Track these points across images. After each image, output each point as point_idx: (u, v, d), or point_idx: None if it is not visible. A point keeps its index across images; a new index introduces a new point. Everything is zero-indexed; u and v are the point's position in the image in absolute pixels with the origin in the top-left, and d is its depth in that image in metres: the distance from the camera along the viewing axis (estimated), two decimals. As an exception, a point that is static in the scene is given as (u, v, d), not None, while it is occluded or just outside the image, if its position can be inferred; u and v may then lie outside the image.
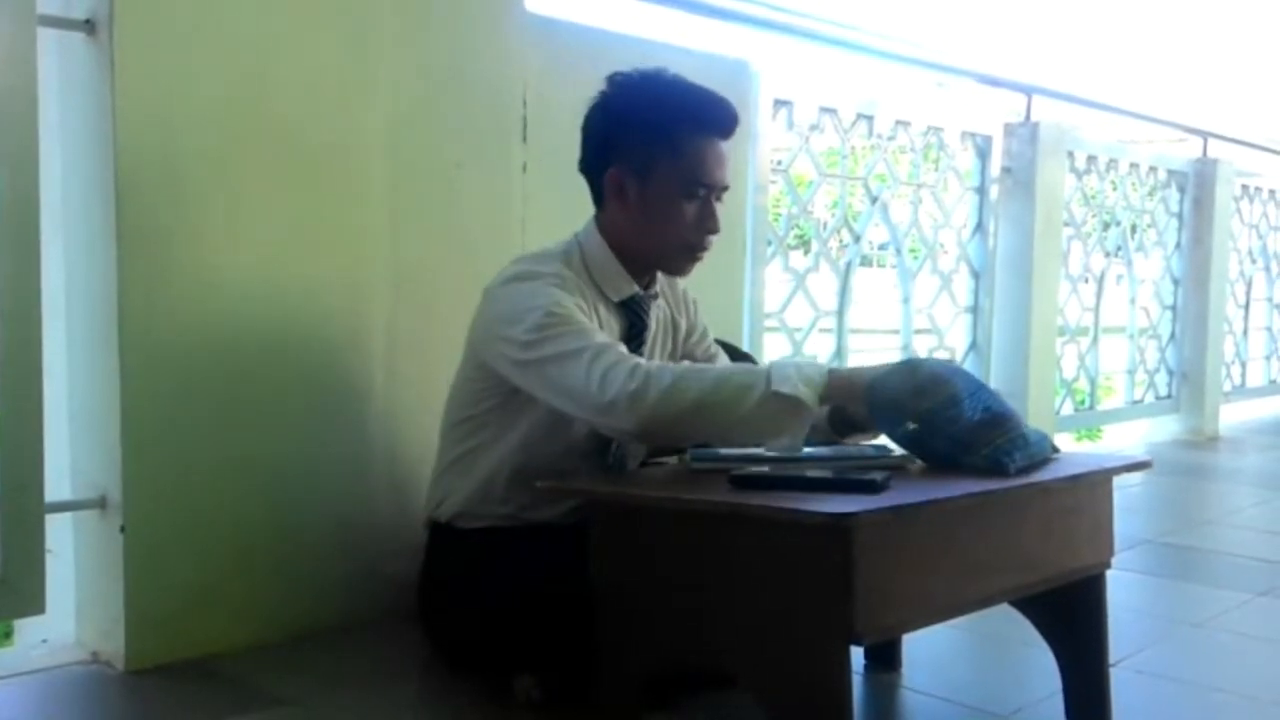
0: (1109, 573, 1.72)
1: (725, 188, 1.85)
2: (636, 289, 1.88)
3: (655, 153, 1.80)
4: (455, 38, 2.28)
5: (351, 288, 2.14)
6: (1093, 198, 4.59)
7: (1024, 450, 1.56)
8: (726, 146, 1.85)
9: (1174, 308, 5.11)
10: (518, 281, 1.78)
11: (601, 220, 1.88)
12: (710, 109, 1.83)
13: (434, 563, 1.93)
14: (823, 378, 1.60)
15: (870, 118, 3.45)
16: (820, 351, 3.37)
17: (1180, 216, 5.09)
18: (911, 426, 1.55)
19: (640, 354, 1.89)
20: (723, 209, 1.86)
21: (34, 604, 1.80)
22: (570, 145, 1.89)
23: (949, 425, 1.53)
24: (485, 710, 1.78)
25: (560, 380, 1.66)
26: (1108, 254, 4.71)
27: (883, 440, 1.70)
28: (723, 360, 2.05)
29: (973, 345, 3.95)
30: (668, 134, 1.80)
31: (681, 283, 2.03)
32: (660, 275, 1.96)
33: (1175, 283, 5.10)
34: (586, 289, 1.83)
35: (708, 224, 1.83)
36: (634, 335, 1.90)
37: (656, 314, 1.96)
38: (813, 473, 1.50)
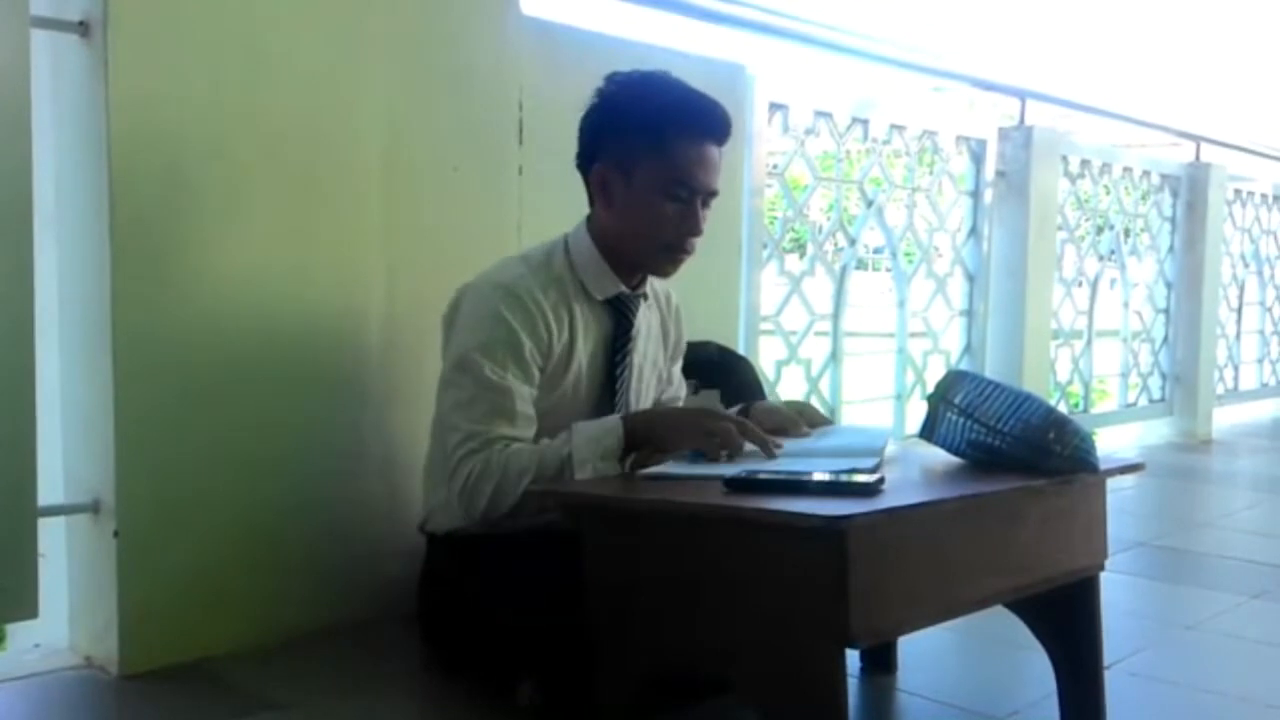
0: (1103, 575, 1.73)
1: (713, 193, 1.85)
2: (622, 288, 1.90)
3: (640, 151, 1.81)
4: (451, 40, 2.28)
5: (347, 292, 2.14)
6: (1086, 201, 4.60)
7: (1094, 447, 1.59)
8: (717, 152, 1.84)
9: (1167, 311, 5.12)
10: (490, 290, 1.81)
11: (591, 219, 1.90)
12: (700, 113, 1.82)
13: (432, 568, 1.92)
14: (619, 440, 1.69)
15: (865, 121, 3.46)
16: (815, 355, 3.37)
17: (1173, 220, 5.10)
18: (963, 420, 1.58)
19: (629, 350, 1.91)
20: (708, 214, 1.86)
21: (27, 608, 1.79)
22: (566, 148, 1.89)
23: (1016, 427, 1.55)
24: (482, 713, 1.78)
25: (440, 436, 1.84)
26: (1101, 257, 4.72)
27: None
28: (681, 388, 2.09)
29: (967, 348, 3.95)
30: (654, 133, 1.80)
31: (661, 287, 2.02)
32: (653, 282, 1.96)
33: (1168, 286, 5.11)
34: (569, 287, 1.85)
35: (687, 226, 1.82)
36: (620, 333, 1.91)
37: (647, 317, 1.97)
38: (807, 475, 1.49)
